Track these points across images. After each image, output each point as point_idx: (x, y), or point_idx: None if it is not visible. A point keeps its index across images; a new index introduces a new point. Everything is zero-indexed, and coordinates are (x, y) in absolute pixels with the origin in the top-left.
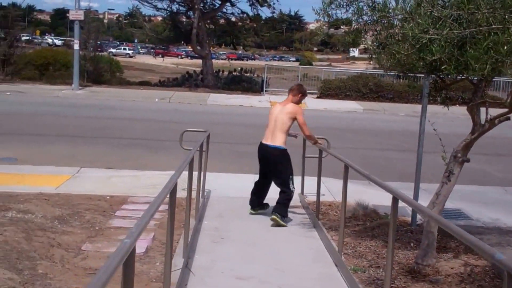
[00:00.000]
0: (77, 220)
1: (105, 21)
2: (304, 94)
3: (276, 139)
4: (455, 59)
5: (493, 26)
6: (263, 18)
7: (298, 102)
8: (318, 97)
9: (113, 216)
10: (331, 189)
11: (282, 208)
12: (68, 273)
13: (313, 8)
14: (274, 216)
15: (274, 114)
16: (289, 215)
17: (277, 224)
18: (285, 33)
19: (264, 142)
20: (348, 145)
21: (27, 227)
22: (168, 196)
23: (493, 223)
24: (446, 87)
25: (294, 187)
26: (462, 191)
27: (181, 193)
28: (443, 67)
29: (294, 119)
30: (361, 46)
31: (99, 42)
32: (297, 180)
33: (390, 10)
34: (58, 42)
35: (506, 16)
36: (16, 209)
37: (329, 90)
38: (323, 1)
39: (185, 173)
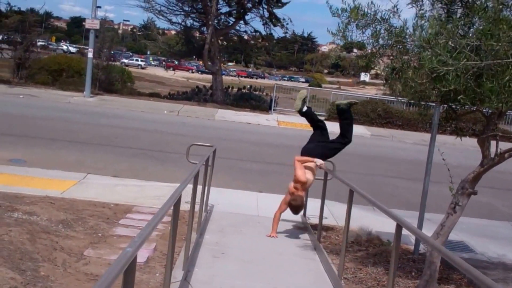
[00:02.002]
0: (81, 226)
1: (120, 31)
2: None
3: None
4: (471, 90)
5: None
6: (276, 37)
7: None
8: (326, 119)
9: (116, 224)
10: (334, 213)
11: None
12: (69, 277)
13: (328, 29)
14: None
15: None
16: (291, 236)
17: None
18: (297, 54)
19: None
20: (354, 170)
21: (32, 229)
22: (171, 208)
23: (498, 258)
24: (457, 118)
25: None
26: (468, 224)
27: (184, 206)
28: (459, 97)
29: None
30: (373, 71)
31: (112, 52)
32: None
33: (407, 36)
34: (72, 49)
35: None
36: (22, 211)
37: None
38: (340, 22)
39: (189, 186)
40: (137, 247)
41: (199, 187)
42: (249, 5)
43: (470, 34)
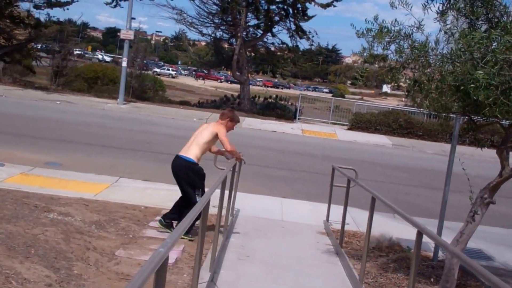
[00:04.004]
0: (113, 227)
1: (152, 42)
2: (232, 119)
3: (189, 152)
4: (500, 103)
5: None
6: (301, 49)
7: (226, 127)
8: (348, 129)
9: (146, 226)
10: (356, 219)
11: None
12: (101, 276)
13: (352, 51)
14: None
15: (198, 131)
16: (314, 241)
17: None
18: (321, 65)
19: (178, 154)
20: (376, 178)
21: (66, 229)
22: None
23: None
24: (476, 129)
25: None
26: (487, 232)
27: (211, 210)
28: (485, 110)
29: (216, 135)
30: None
31: (145, 61)
32: (323, 207)
33: (429, 50)
34: (107, 58)
35: None
36: (57, 211)
37: (360, 123)
38: (365, 41)
39: (217, 191)
40: (169, 248)
41: (226, 192)
42: (277, 18)
43: (489, 50)
